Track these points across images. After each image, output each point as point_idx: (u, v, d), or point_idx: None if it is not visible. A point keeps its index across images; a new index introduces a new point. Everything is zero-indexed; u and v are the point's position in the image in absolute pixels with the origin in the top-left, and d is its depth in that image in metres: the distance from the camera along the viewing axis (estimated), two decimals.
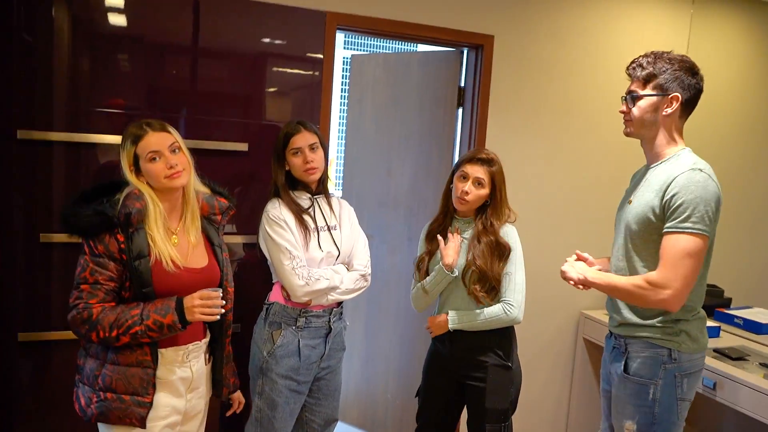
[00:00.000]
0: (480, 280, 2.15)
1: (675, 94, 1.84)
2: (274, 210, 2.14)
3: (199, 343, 1.87)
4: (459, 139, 3.07)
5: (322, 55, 2.61)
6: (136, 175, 1.76)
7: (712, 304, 3.15)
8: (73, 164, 2.32)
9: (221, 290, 1.77)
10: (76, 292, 1.69)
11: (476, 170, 2.18)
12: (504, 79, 2.99)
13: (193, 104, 2.45)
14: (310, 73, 2.62)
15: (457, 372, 2.25)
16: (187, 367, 1.83)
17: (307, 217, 2.18)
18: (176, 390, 1.81)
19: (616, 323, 2.00)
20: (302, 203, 2.20)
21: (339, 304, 2.25)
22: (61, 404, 2.26)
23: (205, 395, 1.94)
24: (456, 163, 2.31)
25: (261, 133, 2.53)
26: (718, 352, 2.62)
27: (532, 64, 3.05)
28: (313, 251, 2.15)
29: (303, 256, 2.12)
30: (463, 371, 2.23)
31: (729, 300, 3.33)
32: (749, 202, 3.65)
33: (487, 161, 2.19)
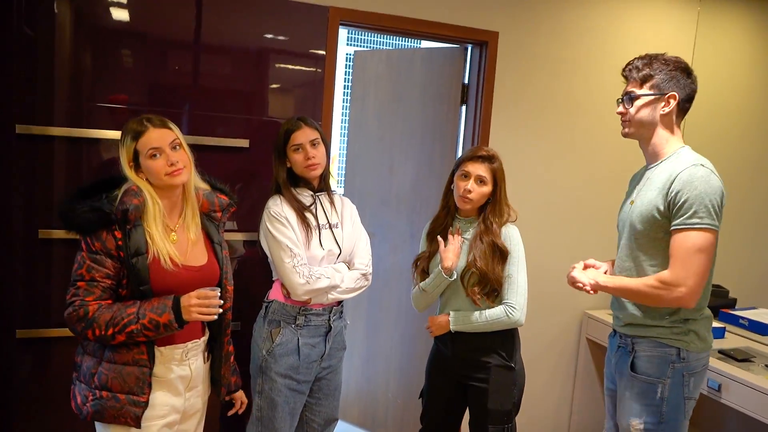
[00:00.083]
0: (480, 282, 2.13)
1: (672, 93, 1.86)
2: (276, 206, 2.11)
3: (198, 341, 1.85)
4: (462, 137, 3.05)
5: (325, 51, 2.59)
6: (136, 172, 1.74)
7: (717, 304, 3.13)
8: (73, 160, 2.30)
9: (219, 289, 1.74)
10: (72, 289, 1.67)
11: (478, 168, 2.16)
12: (508, 76, 2.97)
13: (193, 100, 2.43)
14: (313, 69, 2.60)
15: (459, 372, 2.23)
16: (186, 366, 1.81)
17: (308, 215, 2.15)
18: (175, 389, 1.79)
19: (623, 323, 1.99)
20: (304, 200, 2.18)
21: (339, 303, 2.23)
22: (60, 401, 2.24)
23: (204, 394, 1.92)
24: (456, 161, 2.28)
25: (262, 130, 2.51)
26: (723, 354, 2.59)
27: (537, 62, 3.02)
28: (314, 249, 2.13)
29: (304, 253, 2.09)
30: (465, 372, 2.21)
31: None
32: (756, 201, 3.62)
33: (488, 158, 2.18)
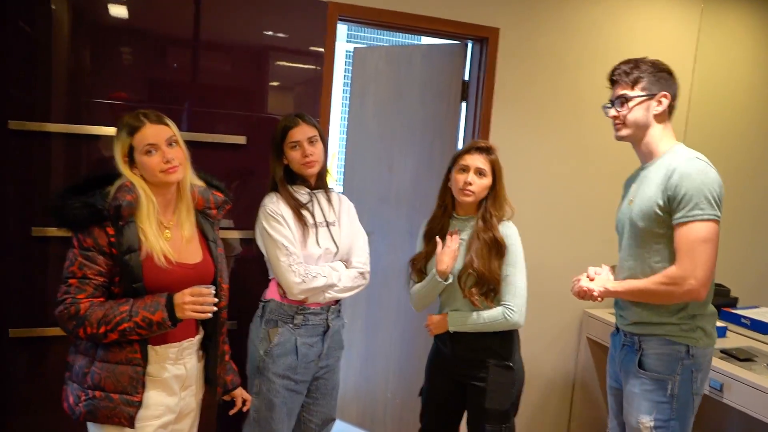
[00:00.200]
0: (477, 283, 2.10)
1: (664, 92, 1.90)
2: (272, 204, 2.09)
3: (193, 339, 1.82)
4: (462, 134, 3.03)
5: (323, 47, 2.56)
6: (130, 167, 1.71)
7: (719, 303, 3.07)
8: (69, 156, 2.27)
9: (214, 287, 1.71)
10: (64, 286, 1.64)
11: (476, 160, 2.13)
12: (509, 72, 2.94)
13: (190, 96, 2.40)
14: (311, 65, 2.57)
15: (458, 372, 2.21)
16: (182, 365, 1.78)
17: (305, 213, 2.12)
18: (170, 388, 1.76)
19: (629, 321, 1.98)
20: (301, 198, 2.15)
21: (337, 302, 2.20)
22: (55, 401, 2.18)
23: (198, 393, 1.89)
24: (453, 157, 2.23)
25: (260, 126, 2.48)
26: (725, 353, 2.57)
27: (538, 58, 3.00)
28: (310, 247, 2.10)
29: (300, 252, 2.07)
30: (464, 371, 2.19)
31: (735, 299, 3.28)
32: (758, 199, 3.59)
33: (486, 149, 2.15)
